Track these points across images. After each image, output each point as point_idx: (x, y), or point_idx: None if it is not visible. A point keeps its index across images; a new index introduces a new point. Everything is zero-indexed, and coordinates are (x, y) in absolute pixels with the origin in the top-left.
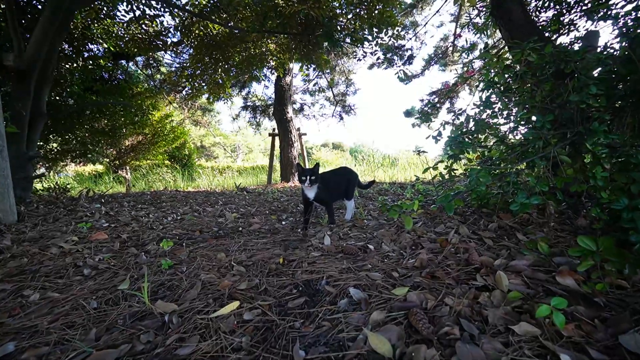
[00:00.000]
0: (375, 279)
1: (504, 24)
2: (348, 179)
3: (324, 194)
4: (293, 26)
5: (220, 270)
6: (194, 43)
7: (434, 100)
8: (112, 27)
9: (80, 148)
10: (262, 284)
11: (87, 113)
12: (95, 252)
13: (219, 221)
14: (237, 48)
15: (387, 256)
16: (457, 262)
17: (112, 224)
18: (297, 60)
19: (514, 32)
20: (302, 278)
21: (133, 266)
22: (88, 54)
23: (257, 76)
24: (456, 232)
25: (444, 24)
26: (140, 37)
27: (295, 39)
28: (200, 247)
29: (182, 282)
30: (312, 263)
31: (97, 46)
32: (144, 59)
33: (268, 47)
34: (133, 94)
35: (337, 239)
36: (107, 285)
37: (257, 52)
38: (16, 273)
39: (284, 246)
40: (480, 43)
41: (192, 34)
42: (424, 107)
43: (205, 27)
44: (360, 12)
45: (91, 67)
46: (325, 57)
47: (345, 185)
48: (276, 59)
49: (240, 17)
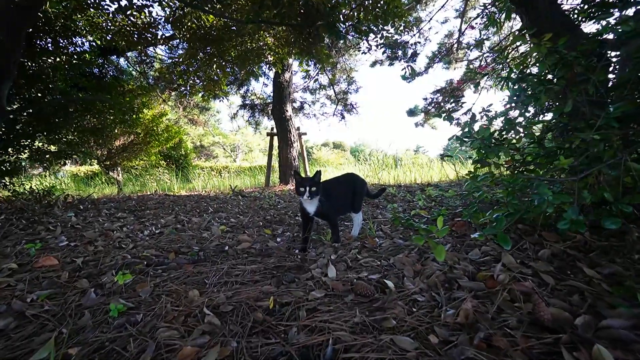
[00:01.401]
0: (405, 348)
1: (526, 12)
2: (354, 188)
3: (327, 207)
4: (292, 16)
5: (188, 321)
6: (186, 36)
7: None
8: (97, 18)
9: (66, 148)
10: (239, 351)
11: (71, 111)
12: (32, 287)
13: (203, 236)
14: (233, 42)
15: (414, 301)
16: (518, 318)
17: (72, 242)
18: (296, 55)
19: (538, 21)
20: (299, 341)
21: (73, 312)
22: (72, 48)
23: (254, 72)
24: (501, 264)
25: (449, 20)
26: (128, 29)
27: (294, 31)
28: (171, 278)
29: (129, 344)
30: (313, 311)
31: (81, 39)
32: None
33: (265, 41)
34: (123, 91)
35: (344, 269)
36: (21, 349)
37: (254, 47)
38: None
39: (277, 279)
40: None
41: (184, 26)
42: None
43: (198, 18)
44: (365, 1)
45: (76, 62)
46: (326, 51)
47: (351, 196)
48: (274, 54)
49: (235, 7)
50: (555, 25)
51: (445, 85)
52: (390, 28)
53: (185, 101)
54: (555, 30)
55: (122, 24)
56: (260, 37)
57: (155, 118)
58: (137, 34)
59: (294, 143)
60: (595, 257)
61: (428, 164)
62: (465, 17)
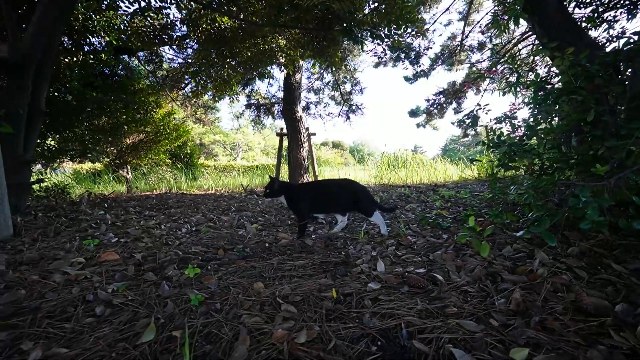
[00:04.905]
0: (472, 330)
1: (539, 21)
2: (348, 194)
3: (295, 205)
4: (309, 20)
5: (264, 308)
6: (201, 38)
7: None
8: (115, 19)
9: (79, 146)
10: (325, 333)
11: (87, 110)
12: (106, 279)
13: (240, 234)
14: (246, 44)
15: (465, 292)
16: (564, 306)
17: (121, 239)
18: (309, 57)
19: (551, 29)
20: (375, 325)
21: (155, 301)
22: (88, 47)
23: (265, 73)
24: (535, 259)
25: (452, 22)
26: (144, 30)
27: (308, 34)
28: (230, 273)
29: (222, 328)
30: (376, 300)
31: (98, 39)
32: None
33: (278, 43)
34: (135, 90)
35: (389, 264)
36: (127, 332)
37: (266, 48)
38: (12, 313)
39: (331, 273)
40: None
41: (199, 28)
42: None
43: (213, 20)
44: (380, 6)
45: (92, 61)
46: (340, 54)
47: (341, 200)
48: (286, 56)
49: (252, 10)
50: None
51: (447, 86)
52: (402, 32)
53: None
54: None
55: (139, 25)
56: (273, 39)
57: (164, 117)
58: (153, 34)
59: (303, 143)
60: (619, 254)
61: (433, 165)
62: (469, 19)
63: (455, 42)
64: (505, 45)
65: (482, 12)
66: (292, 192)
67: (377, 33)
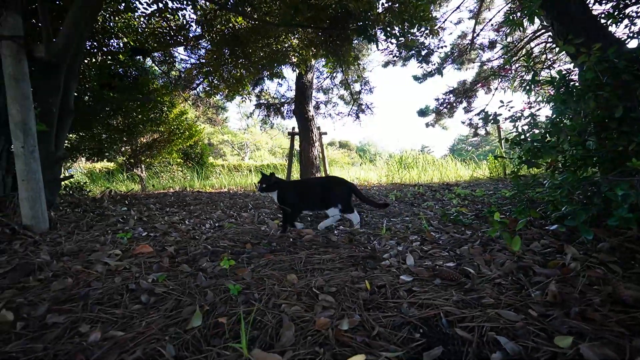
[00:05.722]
0: (512, 319)
1: (557, 17)
2: (329, 190)
3: (284, 200)
4: (323, 20)
5: (302, 298)
6: (215, 38)
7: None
8: (133, 20)
9: (96, 145)
10: (366, 321)
11: (105, 110)
12: (145, 270)
13: (263, 230)
14: (259, 43)
15: (499, 285)
16: (602, 298)
17: (150, 233)
18: (321, 57)
19: (571, 26)
20: (414, 314)
21: (195, 291)
22: (107, 49)
23: (277, 73)
24: (566, 254)
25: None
26: (160, 31)
27: (322, 34)
28: (261, 265)
29: (265, 316)
30: (411, 291)
31: (116, 41)
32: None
33: (290, 43)
34: (149, 90)
35: (417, 258)
36: (175, 318)
37: (279, 48)
38: (64, 299)
39: (362, 266)
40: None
41: (213, 28)
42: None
43: (227, 21)
44: (393, 5)
45: (110, 62)
46: (353, 53)
47: (325, 196)
48: (298, 55)
49: (266, 10)
50: (587, 29)
51: (457, 85)
52: (415, 31)
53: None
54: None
55: (155, 26)
56: (286, 39)
57: (178, 116)
58: (169, 35)
59: (315, 142)
60: None
61: (444, 164)
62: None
63: (465, 40)
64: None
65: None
66: (283, 189)
67: (392, 32)
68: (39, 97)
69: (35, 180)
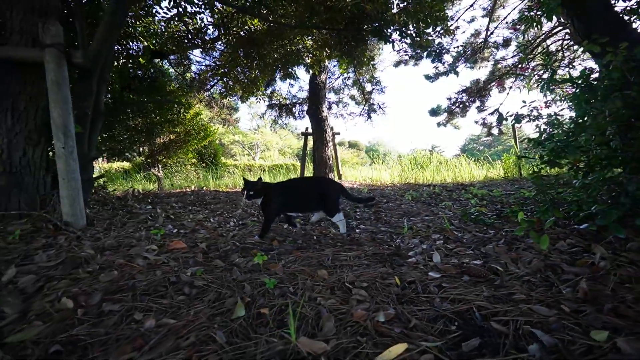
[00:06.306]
0: (545, 314)
1: (578, 15)
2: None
3: (265, 204)
4: (339, 21)
5: (335, 292)
6: (231, 41)
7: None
8: (153, 25)
9: (116, 146)
10: (402, 314)
11: (126, 112)
12: (183, 264)
13: (285, 228)
14: (274, 45)
15: (529, 282)
16: (634, 295)
17: (180, 230)
18: (336, 57)
19: (592, 23)
20: (447, 308)
21: (233, 284)
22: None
23: (290, 74)
24: (594, 253)
25: (476, 19)
26: (179, 34)
27: (338, 35)
28: (290, 262)
29: (303, 308)
30: (440, 287)
31: (137, 45)
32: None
33: (305, 44)
34: (167, 92)
35: (443, 255)
36: (219, 309)
37: (293, 49)
38: (114, 289)
39: (390, 263)
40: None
41: (229, 30)
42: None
43: (243, 23)
44: (409, 5)
45: (130, 65)
46: (367, 54)
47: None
48: (312, 56)
49: (282, 12)
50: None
51: (470, 84)
52: (430, 31)
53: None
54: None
55: (174, 29)
56: (300, 40)
57: (193, 117)
58: (187, 38)
59: (328, 142)
60: None
61: (457, 164)
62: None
63: (478, 39)
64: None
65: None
66: (268, 193)
67: (407, 32)
68: (75, 100)
69: (74, 179)
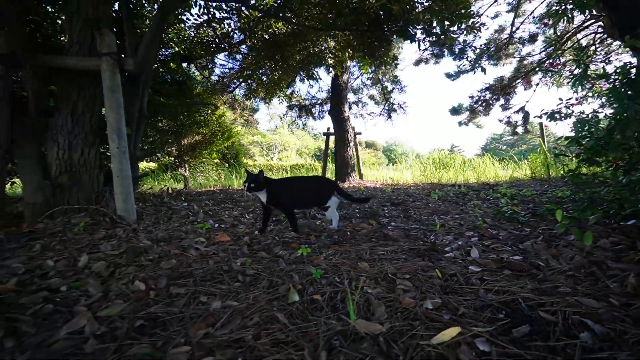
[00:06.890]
0: (594, 306)
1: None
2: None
3: (277, 198)
4: (363, 22)
5: (380, 282)
6: (257, 44)
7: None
8: (183, 31)
9: (150, 147)
10: (448, 302)
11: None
12: (232, 255)
13: (318, 224)
14: (297, 47)
15: (573, 276)
16: None
17: (220, 225)
18: (358, 58)
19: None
20: (493, 299)
21: (281, 274)
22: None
23: (312, 74)
24: (639, 250)
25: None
26: (207, 40)
27: (361, 35)
28: (330, 255)
29: (352, 295)
30: (482, 280)
31: (168, 50)
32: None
33: (327, 45)
34: (194, 95)
35: (481, 251)
36: (274, 294)
37: (315, 51)
38: (176, 276)
39: (428, 257)
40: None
41: (255, 34)
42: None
43: (267, 27)
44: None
45: (161, 70)
46: (391, 54)
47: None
48: (334, 57)
49: (306, 15)
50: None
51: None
52: (456, 28)
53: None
54: None
55: (203, 35)
56: (323, 42)
57: (218, 119)
58: (215, 43)
59: (350, 142)
60: None
61: (481, 164)
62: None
63: (503, 35)
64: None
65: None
66: (272, 187)
67: (432, 31)
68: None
69: (127, 177)
